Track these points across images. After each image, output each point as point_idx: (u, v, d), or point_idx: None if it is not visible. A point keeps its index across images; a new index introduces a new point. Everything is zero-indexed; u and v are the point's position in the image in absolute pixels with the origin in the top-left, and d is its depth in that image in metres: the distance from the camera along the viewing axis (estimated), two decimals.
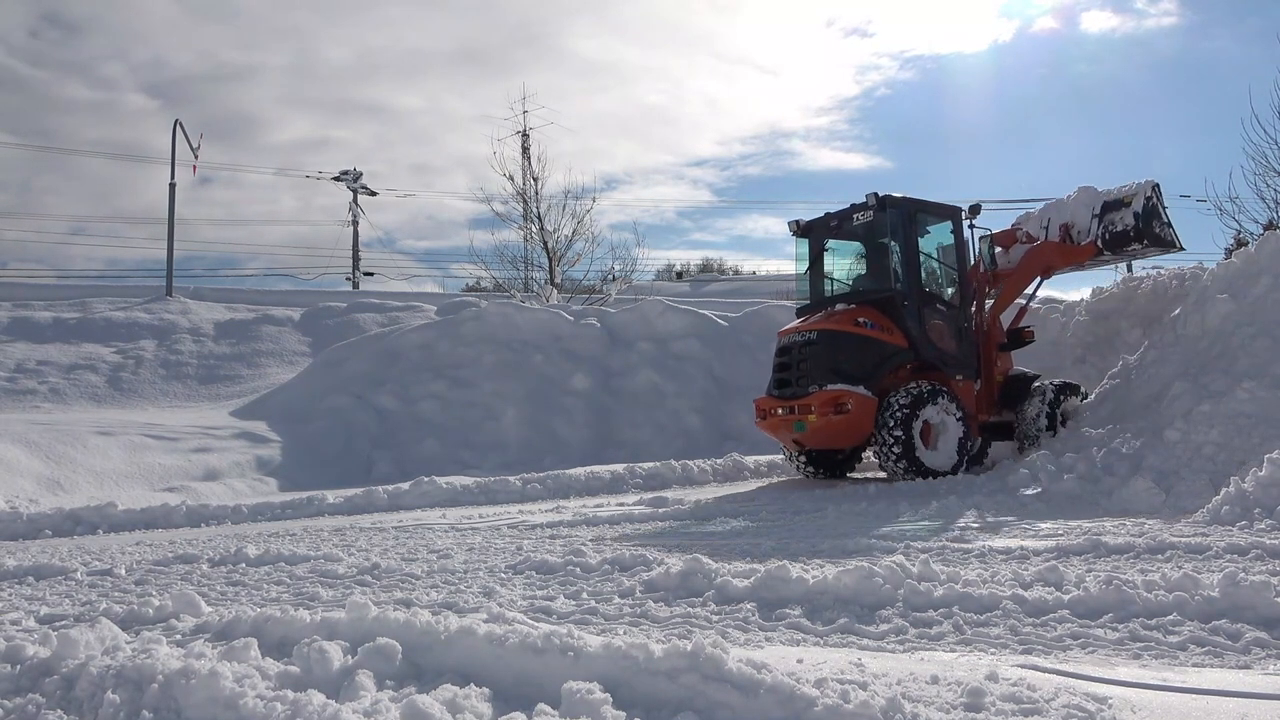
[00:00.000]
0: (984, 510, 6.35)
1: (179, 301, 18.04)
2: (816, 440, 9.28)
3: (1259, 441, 6.53)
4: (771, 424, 9.41)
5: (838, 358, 9.04)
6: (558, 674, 2.38)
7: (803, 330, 9.40)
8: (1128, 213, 10.43)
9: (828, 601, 3.57)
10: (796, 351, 9.32)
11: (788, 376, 9.32)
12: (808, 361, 9.16)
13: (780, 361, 9.55)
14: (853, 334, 9.16)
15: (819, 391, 8.88)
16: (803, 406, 8.97)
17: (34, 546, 6.33)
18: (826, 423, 8.82)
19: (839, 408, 8.78)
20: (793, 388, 9.21)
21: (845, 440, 9.42)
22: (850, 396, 8.78)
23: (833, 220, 10.19)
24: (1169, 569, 3.93)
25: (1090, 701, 2.27)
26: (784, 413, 9.17)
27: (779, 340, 9.78)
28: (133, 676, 2.53)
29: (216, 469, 10.40)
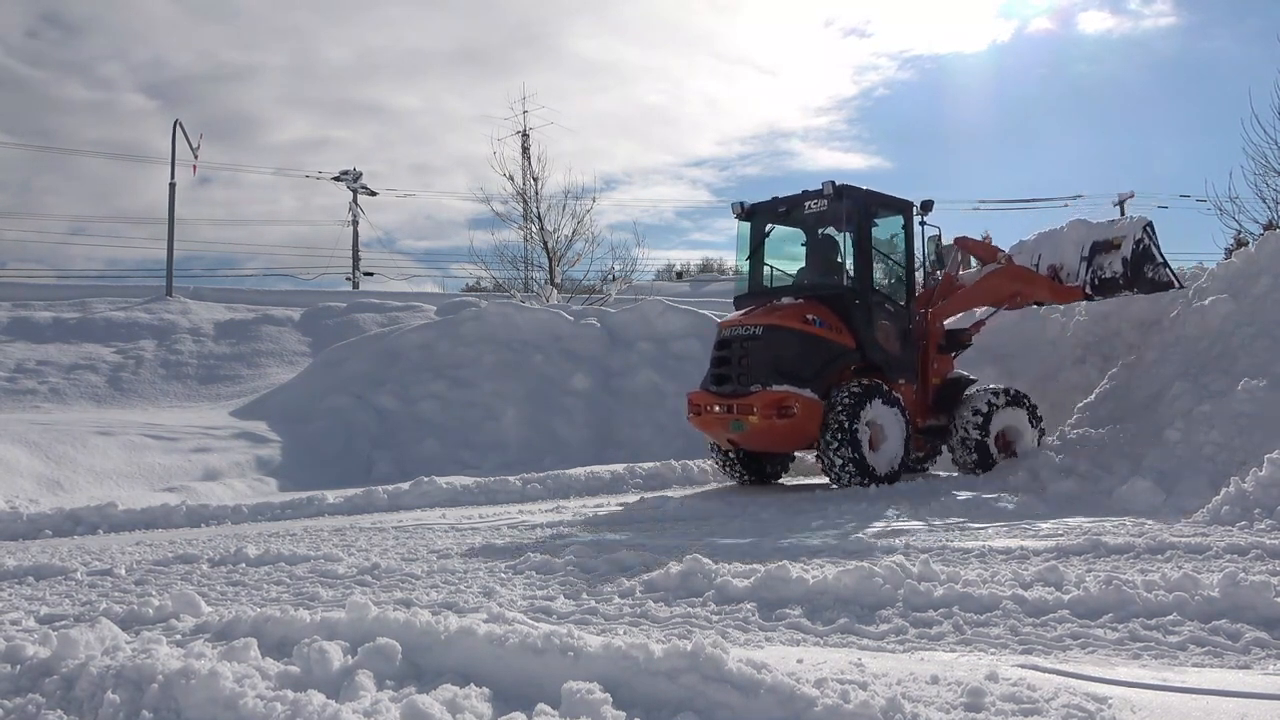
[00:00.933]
0: (975, 514, 6.34)
1: (179, 301, 18.03)
2: (755, 442, 8.84)
3: (1259, 441, 6.53)
4: (706, 421, 8.85)
5: (783, 356, 8.47)
6: (558, 674, 2.38)
7: (746, 324, 8.75)
8: (1116, 257, 9.92)
9: (828, 601, 3.57)
10: (738, 346, 8.69)
11: (727, 372, 8.70)
12: (750, 358, 8.55)
13: (720, 355, 8.90)
14: (801, 332, 8.56)
15: (762, 392, 8.30)
16: (743, 406, 8.37)
17: (34, 546, 6.33)
18: (769, 426, 8.27)
19: (783, 411, 8.22)
20: (733, 384, 8.59)
21: (786, 445, 8.97)
22: (796, 400, 8.23)
23: (781, 206, 9.58)
24: (1169, 569, 3.93)
25: (1090, 701, 2.27)
26: (721, 410, 8.59)
27: (719, 332, 9.12)
28: (133, 676, 2.53)
29: (216, 469, 10.40)
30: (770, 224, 9.77)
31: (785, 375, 8.37)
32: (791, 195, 9.49)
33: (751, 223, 9.79)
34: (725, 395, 8.64)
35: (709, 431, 9.08)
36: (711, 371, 8.96)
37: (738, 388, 8.53)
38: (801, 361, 8.48)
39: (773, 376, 8.35)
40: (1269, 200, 18.02)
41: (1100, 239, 10.10)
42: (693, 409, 9.00)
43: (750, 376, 8.47)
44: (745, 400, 8.38)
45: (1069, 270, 10.21)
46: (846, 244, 9.17)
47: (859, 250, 9.08)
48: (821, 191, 9.12)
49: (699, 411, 8.88)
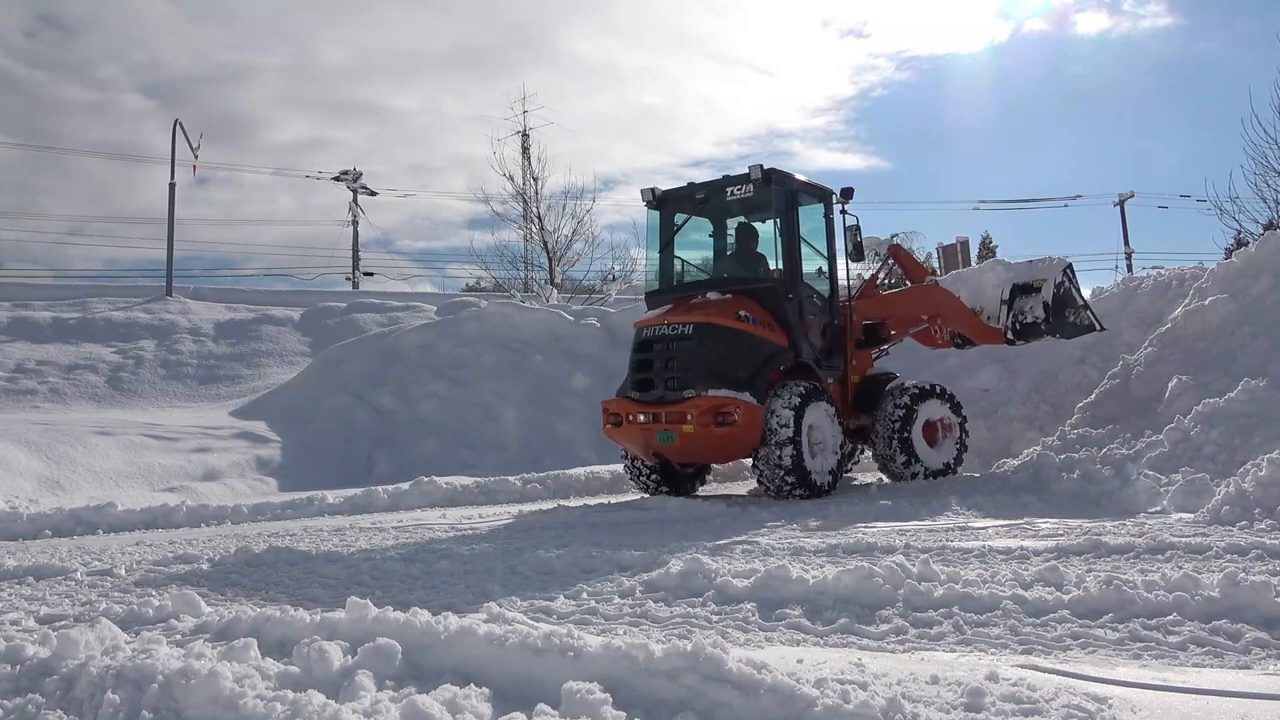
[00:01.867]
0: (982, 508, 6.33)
1: (179, 301, 18.03)
2: (687, 454, 8.08)
3: (1259, 441, 6.53)
4: (627, 433, 8.03)
5: (718, 358, 7.73)
6: (558, 674, 2.38)
7: (673, 322, 7.94)
8: (1038, 300, 9.51)
9: (828, 601, 3.57)
10: (664, 347, 7.89)
11: (652, 377, 7.93)
12: (680, 360, 7.77)
13: (641, 358, 8.06)
14: (736, 330, 7.82)
15: (696, 398, 7.55)
16: (674, 414, 7.62)
17: (34, 546, 6.33)
18: (705, 435, 7.50)
19: (722, 418, 7.46)
20: (659, 390, 7.83)
21: (723, 455, 8.36)
22: (736, 405, 7.48)
23: (699, 192, 8.82)
24: (1169, 569, 3.93)
25: (1090, 701, 2.27)
26: (646, 420, 7.79)
27: (639, 333, 8.24)
28: (133, 676, 2.53)
29: (216, 469, 10.40)
30: (685, 213, 9.03)
31: (721, 378, 7.67)
32: (711, 181, 8.83)
33: (662, 211, 9.04)
34: (651, 403, 7.86)
35: (630, 444, 8.29)
36: (632, 377, 8.13)
37: (666, 394, 7.78)
38: (737, 363, 7.78)
39: (708, 380, 7.64)
40: (1269, 200, 18.04)
41: (1020, 281, 9.70)
42: (610, 419, 8.22)
43: (681, 381, 7.74)
44: (677, 408, 7.64)
45: (989, 313, 9.76)
46: (774, 233, 8.52)
47: (788, 240, 8.42)
48: (747, 177, 8.43)
49: (618, 422, 8.09)
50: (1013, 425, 10.93)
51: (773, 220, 8.60)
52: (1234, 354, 8.10)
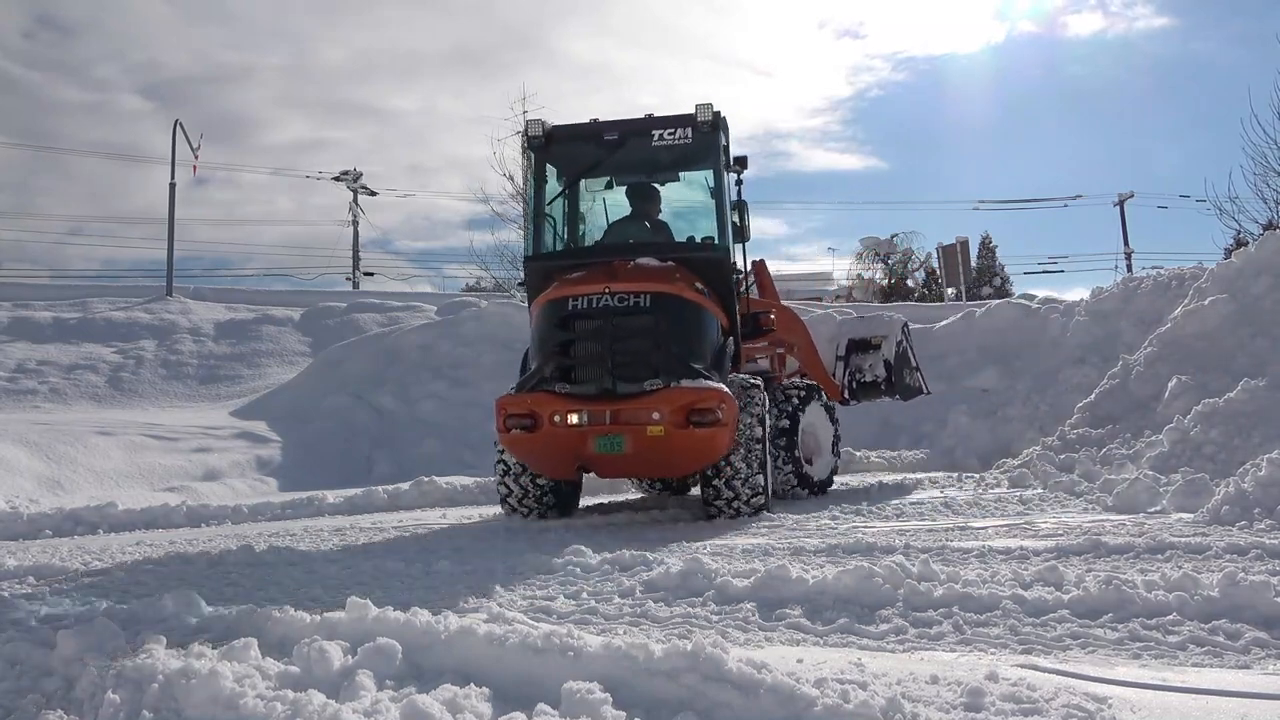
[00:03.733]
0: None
1: (179, 301, 18.04)
2: (640, 466, 6.77)
3: (1259, 441, 6.54)
4: (544, 440, 6.13)
5: (689, 338, 6.27)
6: (558, 674, 2.39)
7: (619, 291, 6.17)
8: (878, 359, 9.08)
9: (828, 601, 3.56)
10: (608, 324, 6.13)
11: (588, 364, 6.17)
12: (638, 341, 6.15)
13: (566, 338, 6.26)
14: (699, 306, 6.41)
15: (666, 390, 5.94)
16: (630, 413, 5.98)
17: (34, 546, 6.33)
18: (678, 440, 5.92)
19: (702, 417, 5.87)
20: (603, 382, 6.08)
21: (691, 466, 6.46)
22: (721, 399, 5.93)
23: (610, 133, 6.87)
24: (1169, 569, 3.93)
25: (1090, 701, 2.27)
26: (580, 421, 6.04)
27: (558, 306, 6.34)
28: (133, 676, 2.53)
29: (216, 469, 10.40)
30: (583, 159, 7.24)
31: (695, 365, 6.14)
32: (630, 120, 6.98)
33: (551, 153, 7.14)
34: (591, 399, 6.08)
35: (544, 455, 6.36)
36: (551, 363, 6.21)
37: (618, 386, 6.06)
38: (705, 346, 6.38)
39: (679, 367, 6.07)
40: (1269, 200, 18.05)
41: (857, 337, 9.29)
42: (514, 422, 6.17)
43: (640, 368, 6.07)
44: (634, 404, 5.98)
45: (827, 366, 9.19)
46: (715, 191, 7.08)
47: (724, 202, 6.96)
48: (688, 118, 6.71)
49: (534, 424, 6.11)
50: (1013, 425, 10.93)
51: (706, 176, 7.19)
52: (1233, 354, 8.11)
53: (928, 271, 41.65)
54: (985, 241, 44.24)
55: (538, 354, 6.42)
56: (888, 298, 35.89)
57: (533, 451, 6.39)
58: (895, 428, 12.28)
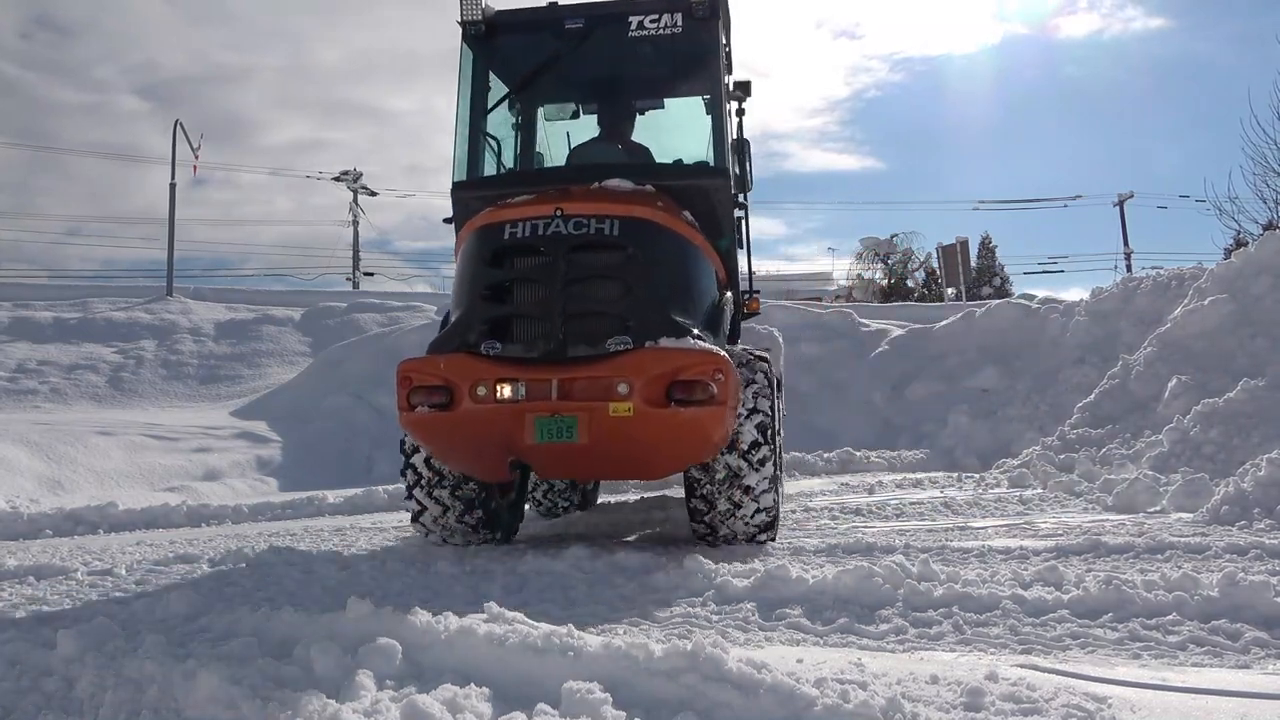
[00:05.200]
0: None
1: (179, 301, 18.05)
2: (602, 463, 4.90)
3: (1258, 441, 6.54)
4: (462, 422, 4.49)
5: (674, 282, 4.75)
6: (558, 674, 2.39)
7: (575, 214, 4.56)
8: None
9: (827, 601, 3.57)
10: (556, 261, 4.51)
11: (532, 315, 4.54)
12: (596, 285, 4.57)
13: (495, 281, 4.64)
14: (688, 241, 4.87)
15: (638, 351, 4.33)
16: (587, 384, 4.33)
17: (34, 546, 6.33)
18: (661, 424, 4.30)
19: (694, 392, 4.26)
20: (549, 342, 4.44)
21: (670, 464, 4.76)
22: (719, 365, 4.32)
23: (574, 20, 5.33)
24: (1169, 569, 3.93)
25: (1090, 701, 2.27)
26: (514, 394, 4.39)
27: (489, 237, 4.71)
28: (133, 676, 2.53)
29: (216, 469, 10.40)
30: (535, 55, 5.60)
31: (681, 317, 4.53)
32: (600, 2, 5.47)
33: (493, 47, 5.57)
34: (536, 363, 4.43)
35: (465, 447, 4.70)
36: (481, 315, 4.60)
37: (573, 346, 4.44)
38: (698, 296, 4.87)
39: (660, 320, 4.43)
40: (1269, 200, 18.07)
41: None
42: (425, 397, 4.55)
43: (603, 321, 4.48)
44: (597, 370, 4.34)
45: None
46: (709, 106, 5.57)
47: (721, 116, 5.43)
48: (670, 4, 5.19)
49: (449, 399, 4.48)
50: (1013, 425, 10.93)
51: (708, 81, 5.54)
52: (1233, 354, 8.11)
53: (928, 271, 41.66)
54: (985, 241, 44.28)
55: (460, 303, 4.72)
56: (888, 298, 35.89)
57: (446, 440, 4.66)
58: (895, 428, 12.27)
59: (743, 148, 5.78)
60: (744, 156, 5.75)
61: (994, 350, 12.93)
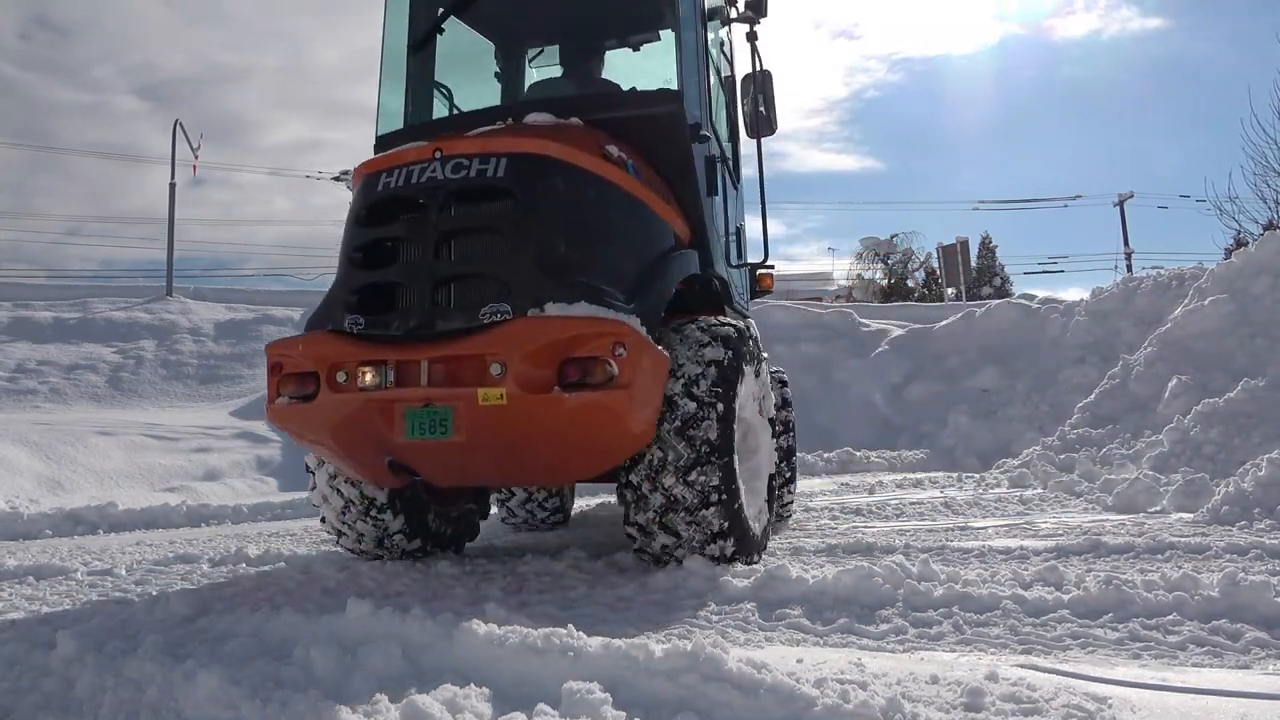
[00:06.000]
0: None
1: (179, 301, 18.05)
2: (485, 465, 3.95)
3: (1258, 441, 6.54)
4: (327, 414, 3.81)
5: (572, 231, 3.81)
6: (558, 674, 2.38)
7: (456, 155, 3.79)
8: None
9: (828, 601, 3.56)
10: (430, 214, 3.77)
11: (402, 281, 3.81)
12: (478, 241, 3.79)
13: (367, 242, 3.94)
14: (605, 181, 3.95)
15: (516, 321, 3.54)
16: (454, 365, 3.59)
17: (34, 546, 6.33)
18: (543, 414, 3.50)
19: (585, 371, 3.45)
20: (414, 314, 3.71)
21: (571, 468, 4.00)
22: (622, 334, 3.49)
23: None
24: (1169, 569, 3.93)
25: (1090, 701, 2.27)
26: (380, 379, 3.68)
27: (365, 190, 4.00)
28: (133, 676, 2.53)
29: (216, 469, 10.40)
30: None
31: (576, 278, 3.68)
32: None
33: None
34: (404, 341, 3.70)
35: (336, 445, 4.00)
36: (353, 284, 3.92)
37: (443, 318, 3.69)
38: (612, 249, 3.94)
39: (545, 280, 3.61)
40: (1269, 200, 18.08)
41: None
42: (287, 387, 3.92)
43: (484, 285, 3.69)
44: (466, 346, 3.57)
45: None
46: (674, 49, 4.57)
47: (692, 53, 4.58)
48: None
49: (309, 393, 3.83)
50: (1013, 425, 10.94)
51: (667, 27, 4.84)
52: (1233, 354, 8.12)
53: (928, 271, 41.69)
54: (985, 241, 44.32)
55: (337, 271, 4.08)
56: (888, 298, 35.90)
57: (313, 437, 4.03)
58: (895, 428, 12.28)
59: (765, 81, 5.05)
60: (768, 90, 5.03)
61: (994, 350, 12.94)
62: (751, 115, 5.16)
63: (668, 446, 3.76)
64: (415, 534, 4.63)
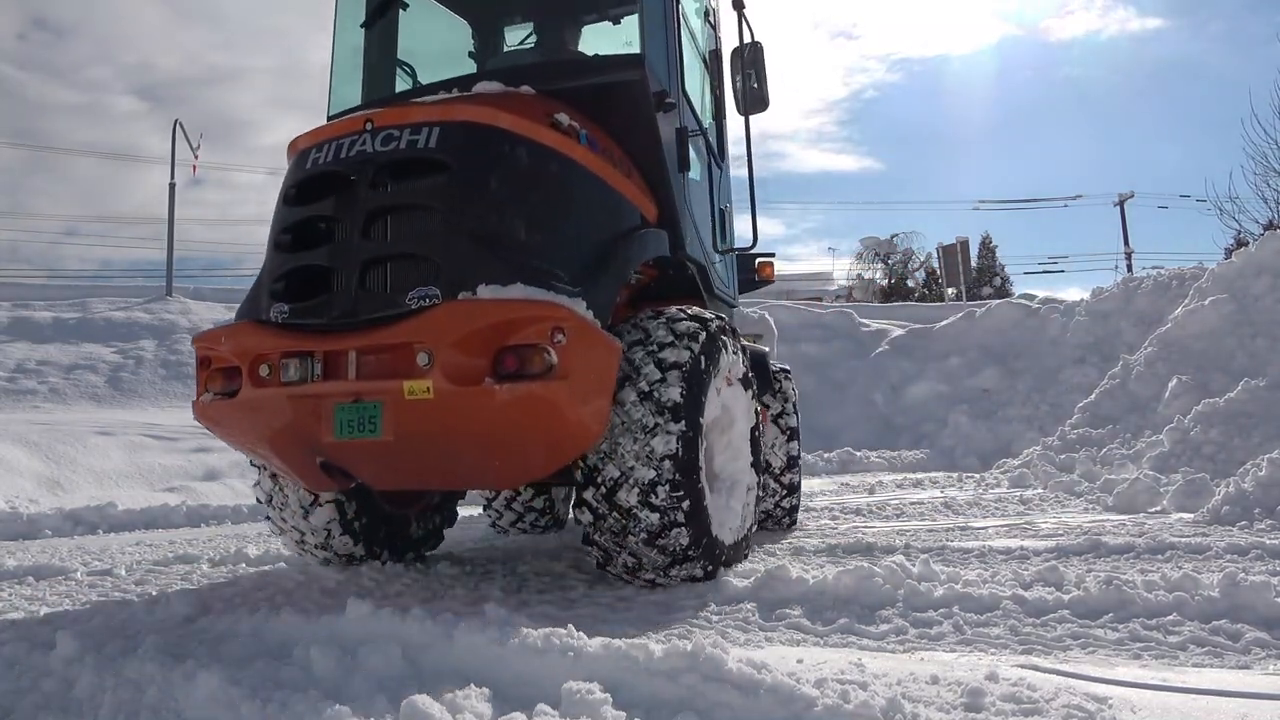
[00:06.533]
0: None
1: (179, 301, 18.05)
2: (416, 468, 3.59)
3: (1258, 441, 6.55)
4: (249, 411, 3.55)
5: (510, 208, 3.46)
6: (558, 674, 2.38)
7: (389, 125, 3.50)
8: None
9: (828, 601, 3.56)
10: (359, 192, 3.46)
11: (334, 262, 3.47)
12: (407, 220, 3.47)
13: (295, 222, 3.63)
14: (550, 151, 3.62)
15: (445, 305, 3.22)
16: (382, 355, 3.31)
17: (34, 546, 6.33)
18: (475, 409, 3.18)
19: (520, 357, 3.14)
20: (338, 301, 3.40)
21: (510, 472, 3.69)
22: (562, 319, 3.16)
23: None
24: (1169, 569, 3.93)
25: (1090, 701, 2.27)
26: (304, 372, 3.38)
27: (295, 167, 3.77)
28: (133, 677, 2.53)
29: (216, 469, 10.40)
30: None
31: (515, 257, 3.36)
32: None
33: None
34: (328, 330, 3.40)
35: (262, 446, 3.78)
36: (278, 269, 3.60)
37: (366, 305, 3.37)
38: (558, 228, 3.59)
39: (477, 259, 3.29)
40: (1269, 200, 18.08)
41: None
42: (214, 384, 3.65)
43: (414, 268, 3.37)
44: (391, 334, 3.27)
45: None
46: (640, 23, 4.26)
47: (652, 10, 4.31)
48: None
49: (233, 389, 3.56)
50: (1013, 425, 10.95)
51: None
52: (1233, 354, 8.12)
53: (928, 271, 41.68)
54: (985, 241, 44.33)
55: (266, 254, 3.74)
56: (888, 298, 35.90)
57: (240, 437, 3.81)
58: (896, 428, 12.28)
59: (756, 54, 4.78)
60: (758, 63, 4.76)
61: (994, 350, 12.94)
62: (743, 90, 4.84)
63: (623, 463, 3.44)
64: (362, 537, 4.43)
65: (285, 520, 4.37)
